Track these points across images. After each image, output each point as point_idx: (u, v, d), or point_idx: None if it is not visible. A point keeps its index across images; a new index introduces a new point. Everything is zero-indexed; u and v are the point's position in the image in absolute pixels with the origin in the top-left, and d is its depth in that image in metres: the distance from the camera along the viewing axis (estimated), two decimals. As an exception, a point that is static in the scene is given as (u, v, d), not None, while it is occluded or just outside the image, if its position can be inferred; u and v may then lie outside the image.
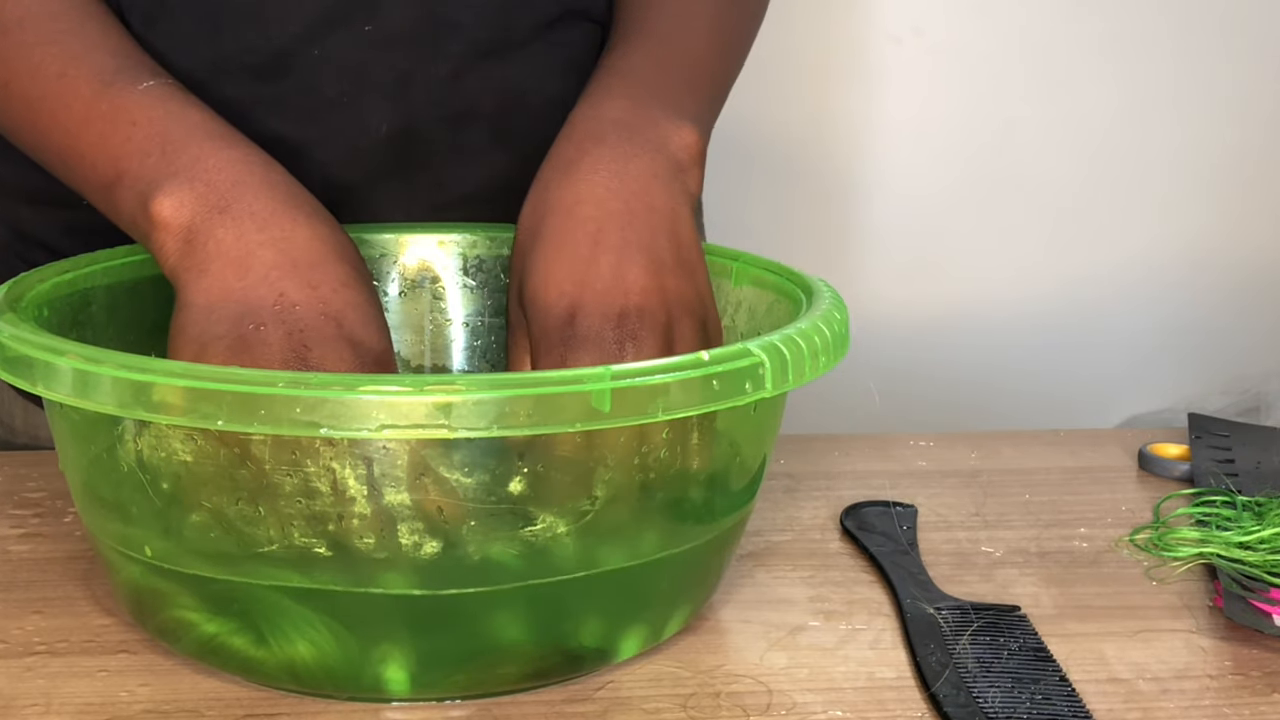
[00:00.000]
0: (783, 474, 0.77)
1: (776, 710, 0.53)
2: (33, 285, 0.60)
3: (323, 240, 0.60)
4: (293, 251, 0.59)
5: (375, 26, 0.73)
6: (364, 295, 0.60)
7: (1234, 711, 0.54)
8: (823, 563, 0.67)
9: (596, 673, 0.55)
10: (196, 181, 0.60)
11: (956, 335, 1.54)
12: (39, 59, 0.64)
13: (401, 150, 0.77)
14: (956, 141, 1.50)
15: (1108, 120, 1.50)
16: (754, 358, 0.50)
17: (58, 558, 0.65)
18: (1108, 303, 1.55)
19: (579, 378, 0.46)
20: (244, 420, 0.45)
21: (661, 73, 0.71)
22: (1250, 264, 1.56)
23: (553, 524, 0.50)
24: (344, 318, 0.58)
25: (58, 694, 0.54)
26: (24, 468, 0.76)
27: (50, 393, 0.49)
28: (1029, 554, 0.68)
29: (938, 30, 1.47)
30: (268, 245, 0.59)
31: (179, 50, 0.72)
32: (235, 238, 0.59)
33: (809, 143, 1.50)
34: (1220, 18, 1.49)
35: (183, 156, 0.61)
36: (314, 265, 0.59)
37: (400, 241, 0.75)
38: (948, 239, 1.53)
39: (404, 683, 0.52)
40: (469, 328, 0.76)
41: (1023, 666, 0.56)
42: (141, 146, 0.61)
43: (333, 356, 0.57)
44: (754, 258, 0.68)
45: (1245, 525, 0.68)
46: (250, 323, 0.57)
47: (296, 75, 0.74)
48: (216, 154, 0.61)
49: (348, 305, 0.59)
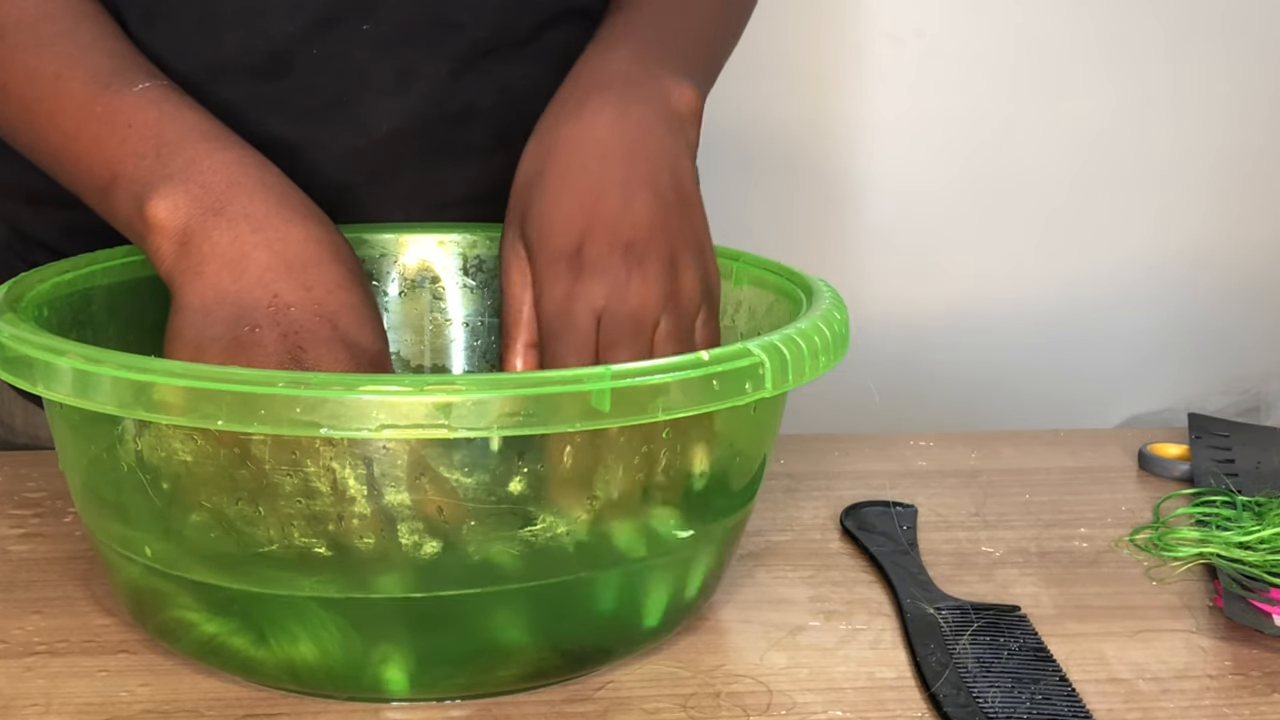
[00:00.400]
0: (783, 474, 0.77)
1: (776, 710, 0.53)
2: (33, 285, 0.60)
3: (317, 241, 0.60)
4: (287, 253, 0.59)
5: (374, 25, 0.73)
6: (359, 296, 0.60)
7: (1234, 711, 0.54)
8: (823, 563, 0.67)
9: (596, 673, 0.55)
10: (191, 184, 0.60)
11: (956, 335, 1.54)
12: (35, 62, 0.64)
13: (402, 149, 0.77)
14: (957, 141, 1.50)
15: (1107, 119, 1.50)
16: (754, 358, 0.50)
17: (58, 558, 0.65)
18: (1107, 302, 1.55)
19: (579, 377, 0.46)
20: (244, 420, 0.45)
21: (662, 37, 0.72)
22: (1250, 264, 1.56)
23: (553, 524, 0.50)
24: (339, 319, 0.58)
25: (58, 694, 0.54)
26: (24, 468, 0.76)
27: (50, 393, 0.49)
28: (1029, 554, 0.68)
29: (938, 31, 1.47)
30: (262, 247, 0.59)
31: (177, 51, 0.72)
32: (230, 240, 0.59)
33: (809, 143, 1.50)
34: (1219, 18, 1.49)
35: (178, 159, 0.61)
36: (308, 267, 0.59)
37: (400, 241, 0.75)
38: (948, 239, 1.53)
39: (404, 683, 0.52)
40: (469, 328, 0.76)
41: (1023, 666, 0.56)
42: (136, 149, 0.61)
43: (328, 358, 0.57)
44: (754, 258, 0.68)
45: (1245, 525, 0.68)
46: (245, 324, 0.57)
47: (296, 75, 0.74)
48: (211, 156, 0.61)
49: (342, 306, 0.59)
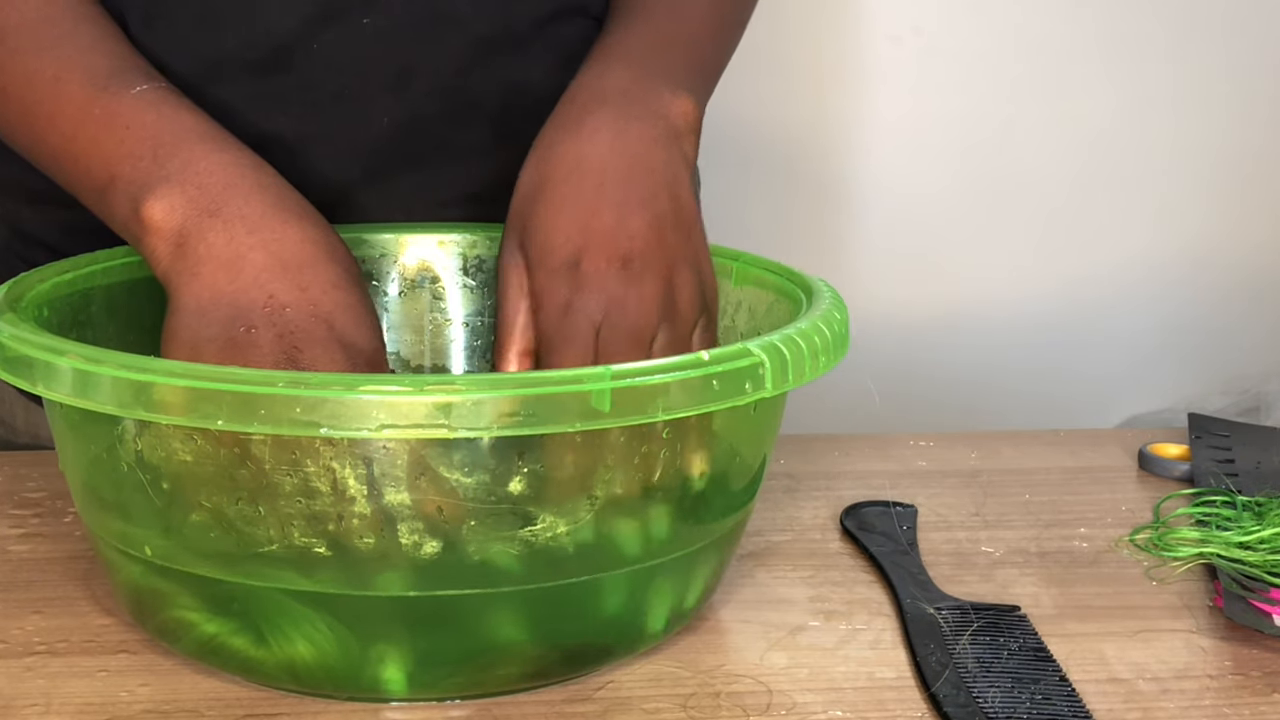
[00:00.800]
0: (783, 474, 0.77)
1: (776, 710, 0.53)
2: (33, 285, 0.60)
3: (313, 242, 0.60)
4: (283, 254, 0.59)
5: (373, 20, 0.73)
6: (355, 296, 0.60)
7: (1234, 711, 0.54)
8: (823, 563, 0.67)
9: (596, 673, 0.55)
10: (187, 185, 0.60)
11: (956, 335, 1.54)
12: (35, 65, 0.64)
13: (403, 145, 0.77)
14: (956, 141, 1.50)
15: (1107, 119, 1.50)
16: (754, 358, 0.50)
17: (58, 558, 0.65)
18: (1108, 303, 1.55)
19: (579, 377, 0.46)
20: (244, 420, 0.45)
21: (660, 48, 0.72)
22: (1250, 264, 1.56)
23: (552, 524, 0.50)
24: (334, 319, 0.58)
25: (58, 694, 0.54)
26: (24, 468, 0.76)
27: (50, 393, 0.49)
28: (1029, 554, 0.68)
29: (937, 30, 1.47)
30: (258, 248, 0.59)
31: (178, 50, 0.72)
32: (226, 241, 0.59)
33: (808, 143, 1.50)
34: (1219, 18, 1.49)
35: (174, 160, 0.61)
36: (304, 267, 0.59)
37: (400, 241, 0.75)
38: (947, 239, 1.53)
39: (403, 682, 0.52)
40: (469, 328, 0.76)
41: (1023, 666, 0.56)
42: (133, 150, 0.62)
43: (324, 358, 0.57)
44: (754, 258, 0.68)
45: (1245, 525, 0.68)
46: (241, 325, 0.57)
47: (296, 71, 0.74)
48: (207, 157, 0.61)
49: (338, 306, 0.59)
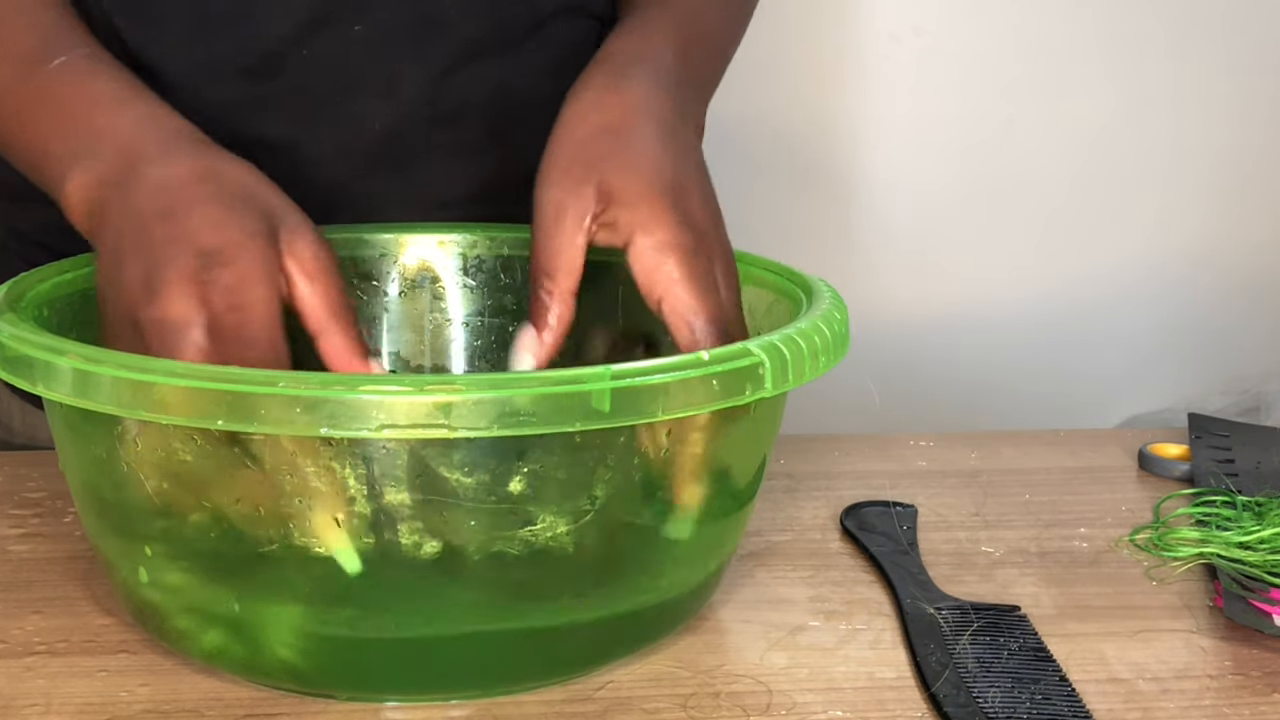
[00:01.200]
0: (783, 474, 0.77)
1: (776, 710, 0.53)
2: (33, 285, 0.60)
3: (210, 159, 0.58)
4: (173, 180, 0.56)
5: (364, 26, 0.74)
6: (245, 168, 0.57)
7: (1234, 711, 0.54)
8: (823, 563, 0.67)
9: (596, 673, 0.55)
10: (95, 159, 0.58)
11: (956, 335, 1.54)
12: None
13: (395, 149, 0.77)
14: (957, 140, 1.50)
15: (1107, 119, 1.50)
16: (754, 358, 0.50)
17: (58, 558, 0.65)
18: (1107, 303, 1.55)
19: (579, 377, 0.46)
20: (244, 420, 0.45)
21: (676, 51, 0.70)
22: (1250, 264, 1.56)
23: (552, 524, 0.50)
24: (209, 180, 0.56)
25: (58, 694, 0.54)
26: (24, 468, 0.76)
27: (50, 393, 0.49)
28: (1029, 554, 0.68)
29: (937, 30, 1.47)
30: (148, 198, 0.56)
31: (171, 54, 0.72)
32: (121, 209, 0.56)
33: (809, 142, 1.50)
34: (1219, 18, 1.49)
35: (81, 135, 0.59)
36: (187, 184, 0.56)
37: (400, 241, 0.75)
38: (948, 238, 1.53)
39: (403, 682, 0.52)
40: (469, 328, 0.76)
41: (1023, 666, 0.56)
42: (50, 129, 0.61)
43: (213, 213, 0.54)
44: (754, 258, 0.68)
45: (1245, 525, 0.68)
46: (147, 284, 0.54)
47: (287, 75, 0.74)
48: (111, 125, 0.59)
49: (209, 172, 0.56)
